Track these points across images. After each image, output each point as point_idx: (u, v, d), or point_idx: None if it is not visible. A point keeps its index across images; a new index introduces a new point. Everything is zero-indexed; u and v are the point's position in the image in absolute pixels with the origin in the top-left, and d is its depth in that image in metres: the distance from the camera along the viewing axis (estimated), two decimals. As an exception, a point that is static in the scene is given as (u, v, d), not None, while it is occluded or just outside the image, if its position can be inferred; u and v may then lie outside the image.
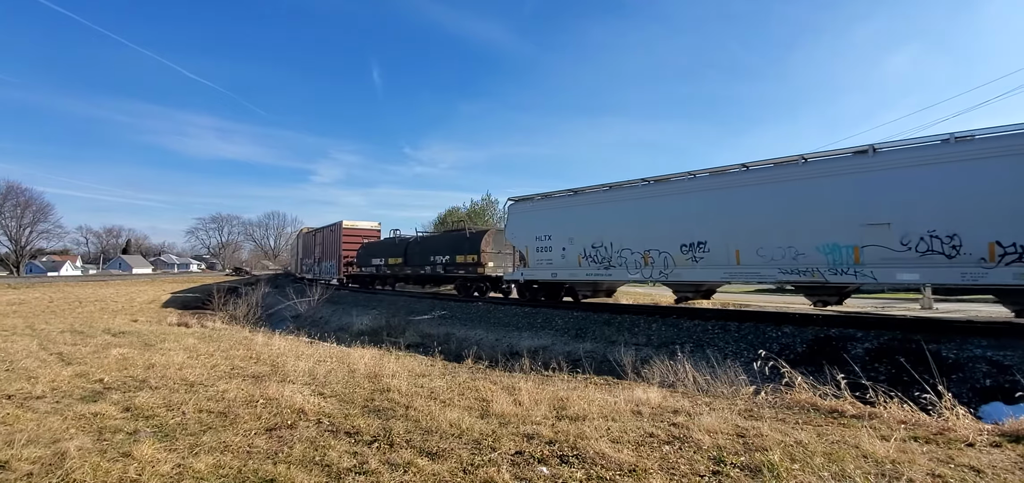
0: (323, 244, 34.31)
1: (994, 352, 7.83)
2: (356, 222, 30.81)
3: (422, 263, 22.49)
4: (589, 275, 14.60)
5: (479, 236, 20.07)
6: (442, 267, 21.26)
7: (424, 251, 22.89)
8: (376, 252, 27.22)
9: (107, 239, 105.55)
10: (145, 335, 10.66)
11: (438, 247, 22.03)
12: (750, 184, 11.41)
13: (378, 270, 26.52)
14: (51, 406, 5.02)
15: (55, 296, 29.00)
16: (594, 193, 14.85)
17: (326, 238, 33.42)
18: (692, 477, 3.31)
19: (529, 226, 16.56)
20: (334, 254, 31.05)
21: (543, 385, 6.24)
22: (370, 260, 27.43)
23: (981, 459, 3.55)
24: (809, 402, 5.21)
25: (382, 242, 28.64)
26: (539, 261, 16.05)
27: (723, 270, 11.72)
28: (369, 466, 3.48)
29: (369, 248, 28.59)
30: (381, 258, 26.32)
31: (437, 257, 21.52)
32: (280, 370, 6.89)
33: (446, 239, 22.36)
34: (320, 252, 34.98)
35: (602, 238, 14.15)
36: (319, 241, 35.61)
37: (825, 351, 9.16)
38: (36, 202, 74.40)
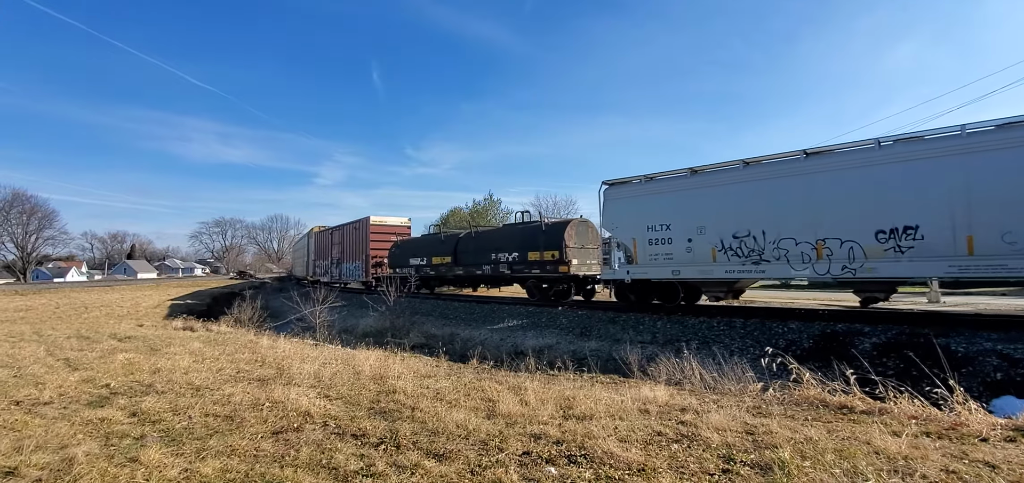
0: (343, 243, 31.36)
1: (1004, 345, 7.77)
2: (385, 218, 27.75)
3: (478, 262, 19.75)
4: (730, 272, 11.66)
5: (559, 228, 16.95)
6: (507, 266, 18.31)
7: (480, 248, 20.04)
8: (415, 250, 24.44)
9: (112, 244, 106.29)
10: (151, 340, 10.69)
11: (501, 243, 19.07)
12: (1003, 146, 8.47)
13: (418, 271, 23.71)
14: (58, 412, 5.03)
15: (61, 302, 29.17)
16: (730, 171, 12.04)
17: (348, 237, 30.39)
18: (702, 476, 3.28)
19: (636, 214, 13.57)
20: (359, 254, 28.14)
21: (549, 384, 6.21)
22: (406, 260, 24.49)
23: (995, 454, 3.50)
24: (818, 398, 5.17)
25: (422, 239, 25.80)
26: (653, 257, 13.06)
27: (945, 263, 8.97)
28: (376, 468, 3.46)
29: (405, 247, 25.64)
30: (421, 257, 23.51)
31: (500, 255, 18.59)
32: (285, 373, 6.88)
33: (514, 233, 19.20)
34: (339, 252, 32.00)
35: (747, 226, 11.41)
36: (337, 240, 32.55)
37: (832, 346, 9.11)
38: (41, 209, 74.94)
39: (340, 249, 31.79)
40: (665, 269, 12.92)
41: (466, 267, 20.44)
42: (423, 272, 23.34)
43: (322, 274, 35.20)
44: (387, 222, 27.77)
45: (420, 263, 23.47)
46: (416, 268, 23.64)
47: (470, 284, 21.69)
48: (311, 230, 38.87)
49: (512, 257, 18.33)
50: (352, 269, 29.29)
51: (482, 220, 43.02)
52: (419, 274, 23.50)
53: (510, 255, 18.35)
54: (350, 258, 29.74)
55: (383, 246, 27.07)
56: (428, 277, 23.35)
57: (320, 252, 36.24)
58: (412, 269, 23.85)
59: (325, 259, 35.00)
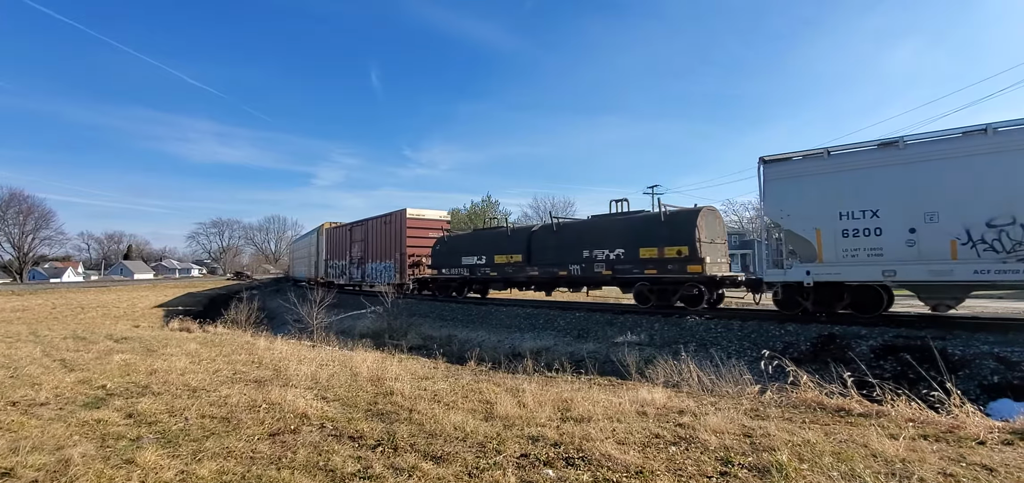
0: (367, 240, 27.38)
1: (1001, 348, 7.79)
2: (422, 211, 24.06)
3: (561, 261, 16.28)
4: (982, 274, 8.77)
5: (688, 218, 13.61)
6: (606, 265, 15.04)
7: (565, 244, 16.49)
8: (469, 248, 20.56)
9: (109, 245, 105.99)
10: (147, 341, 10.65)
11: (598, 236, 15.52)
12: None
13: (474, 272, 19.87)
14: (55, 413, 5.00)
15: (58, 302, 29.06)
16: (978, 137, 9.01)
17: (376, 233, 26.38)
18: (700, 478, 3.27)
19: (820, 197, 10.64)
20: (391, 252, 24.42)
21: (547, 386, 6.20)
22: (456, 259, 20.80)
23: (993, 457, 3.51)
24: (815, 401, 5.17)
25: (478, 234, 21.64)
26: (850, 253, 10.21)
27: None
28: (373, 470, 3.45)
29: (454, 244, 21.73)
30: (478, 255, 19.73)
31: (597, 251, 15.23)
32: (282, 374, 6.86)
33: (615, 225, 15.52)
34: (361, 251, 27.91)
35: (1011, 211, 8.58)
36: (358, 237, 28.45)
37: (829, 349, 9.13)
38: (38, 209, 74.84)
39: (362, 247, 27.82)
40: (870, 269, 10.01)
41: (545, 267, 16.80)
42: (480, 273, 19.53)
43: (337, 275, 31.61)
44: (425, 215, 24.06)
45: (476, 263, 19.72)
46: (470, 268, 19.93)
47: (546, 287, 17.95)
48: (321, 227, 34.92)
49: (615, 254, 14.85)
50: (381, 270, 25.50)
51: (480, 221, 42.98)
52: (474, 275, 19.86)
53: (611, 252, 14.86)
54: (378, 256, 25.95)
55: (421, 243, 23.53)
56: (487, 279, 19.62)
57: (335, 251, 32.33)
58: (463, 269, 20.25)
59: (341, 258, 31.00)
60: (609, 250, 15.19)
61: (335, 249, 32.32)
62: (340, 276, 30.84)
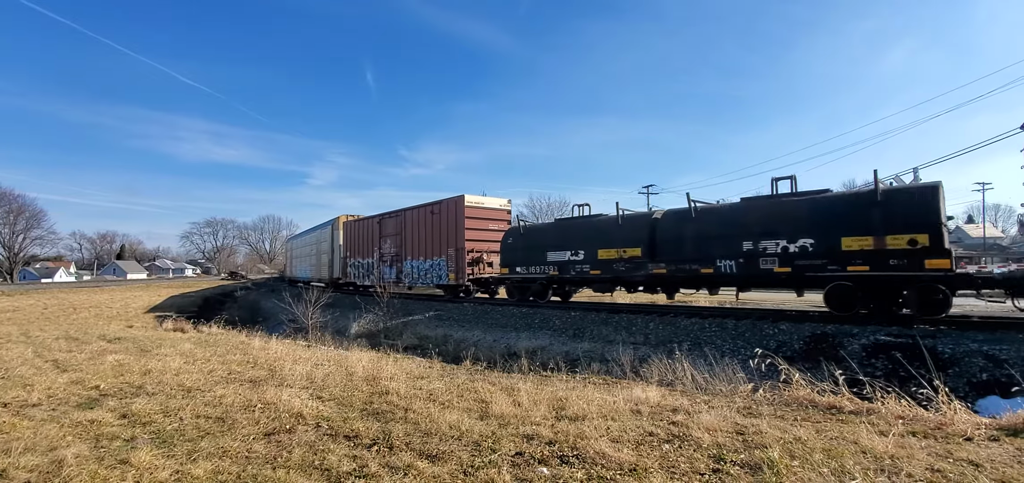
0: (403, 234, 23.22)
1: (990, 346, 7.89)
2: (482, 198, 20.09)
3: (708, 255, 12.55)
4: None
5: (925, 195, 10.35)
6: (782, 260, 11.38)
7: (713, 234, 12.66)
8: (557, 240, 16.50)
9: (101, 245, 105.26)
10: (141, 341, 10.60)
11: (770, 222, 11.79)
12: None
13: (565, 270, 16.10)
14: (47, 414, 4.98)
15: (49, 303, 28.81)
16: None
17: (418, 224, 22.21)
18: (692, 475, 3.31)
19: None
20: (441, 246, 20.52)
21: (542, 385, 6.23)
22: (539, 255, 16.88)
23: (979, 453, 3.56)
24: (807, 399, 5.23)
25: (573, 224, 16.82)
26: None
27: None
28: (369, 469, 3.47)
29: (535, 236, 17.52)
30: (572, 250, 15.83)
31: (767, 243, 11.57)
32: (277, 374, 6.86)
33: (802, 207, 11.62)
34: (395, 247, 23.86)
35: None
36: (393, 231, 24.15)
37: (822, 348, 9.21)
38: (29, 208, 74.20)
39: (397, 242, 23.68)
40: None
41: (677, 263, 13.14)
42: (575, 271, 15.77)
43: (361, 276, 27.11)
44: (485, 204, 20.16)
45: (569, 259, 15.90)
46: (560, 266, 16.23)
47: (671, 287, 14.12)
48: (336, 220, 30.66)
49: (797, 246, 11.33)
50: (426, 269, 21.44)
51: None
52: (566, 274, 16.13)
53: (791, 243, 11.37)
54: (421, 253, 21.86)
55: (482, 236, 19.81)
56: (584, 278, 15.80)
57: (356, 247, 27.87)
58: (549, 267, 16.52)
59: (366, 255, 26.48)
60: (787, 240, 11.43)
61: (357, 245, 27.88)
62: (366, 276, 26.48)
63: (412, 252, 22.70)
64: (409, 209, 23.43)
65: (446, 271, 20.16)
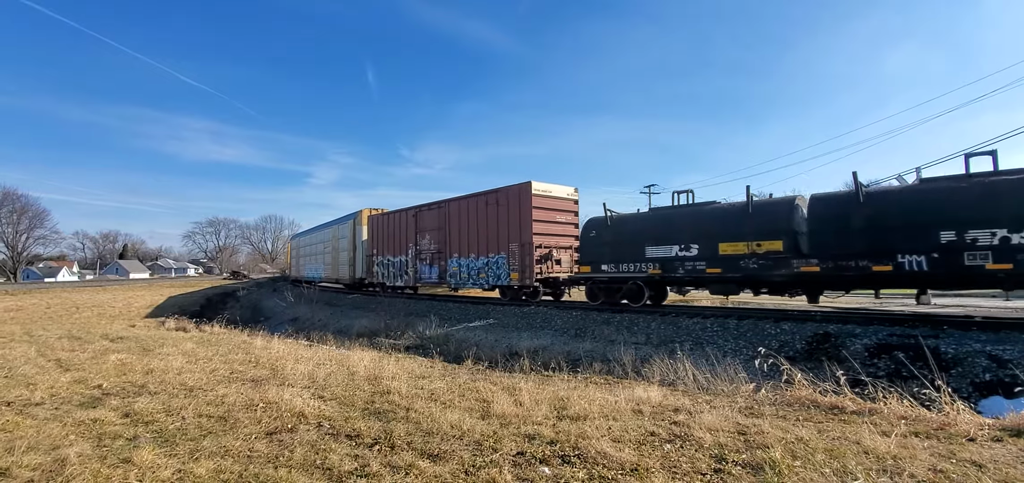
0: (446, 228, 20.21)
1: (993, 346, 7.86)
2: (549, 186, 17.39)
3: (886, 247, 10.08)
4: None
5: None
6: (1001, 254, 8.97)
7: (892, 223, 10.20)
8: (660, 233, 13.62)
9: (104, 244, 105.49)
10: (143, 340, 10.63)
11: (981, 208, 9.39)
12: None
13: (672, 269, 13.11)
14: (50, 412, 5.00)
15: (52, 302, 28.89)
16: None
17: (469, 216, 19.14)
18: (694, 475, 3.31)
19: None
20: (500, 242, 17.60)
21: (543, 385, 6.23)
22: (634, 250, 14.04)
23: (982, 454, 3.55)
24: (809, 399, 5.22)
25: (680, 213, 13.74)
26: None
27: None
28: (371, 469, 3.47)
29: (628, 228, 14.67)
30: (681, 244, 12.98)
31: (976, 233, 9.21)
32: (279, 373, 6.87)
33: None
34: (436, 243, 20.75)
35: None
36: (434, 224, 20.95)
37: (824, 347, 9.19)
38: (32, 208, 74.29)
39: (439, 237, 20.65)
40: None
41: (837, 259, 10.66)
42: (688, 269, 12.87)
43: (392, 275, 23.96)
44: (552, 192, 17.39)
45: (678, 255, 13.05)
46: (664, 263, 13.32)
47: (826, 288, 11.67)
48: (358, 214, 27.70)
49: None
50: (479, 268, 18.48)
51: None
52: (674, 273, 13.23)
53: (1015, 233, 8.98)
54: (475, 249, 18.83)
55: (550, 230, 17.16)
56: (700, 278, 12.85)
57: (384, 244, 24.79)
58: (649, 264, 13.65)
59: (398, 253, 23.38)
60: (1008, 229, 9.00)
61: (385, 242, 24.76)
62: (397, 276, 23.50)
63: (459, 249, 19.67)
64: (454, 200, 20.28)
65: (507, 270, 17.33)
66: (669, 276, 13.49)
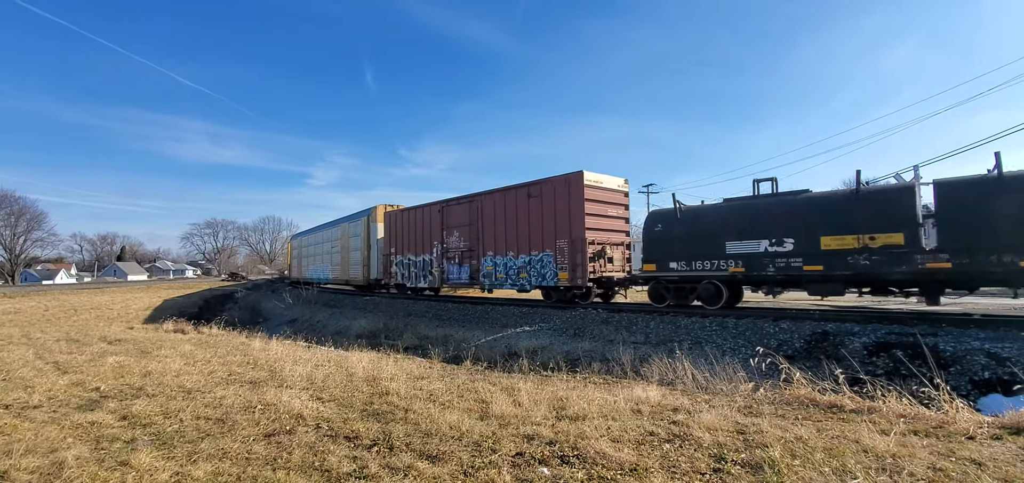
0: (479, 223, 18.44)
1: (991, 344, 7.87)
2: (600, 176, 15.76)
3: None
4: None
5: None
6: None
7: None
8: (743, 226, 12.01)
9: (102, 246, 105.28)
10: (141, 342, 10.60)
11: None
12: None
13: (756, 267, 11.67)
14: (48, 415, 4.98)
15: (50, 304, 28.82)
16: None
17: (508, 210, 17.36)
18: (693, 475, 3.30)
19: None
20: (548, 238, 15.86)
21: (542, 385, 6.23)
22: (714, 246, 12.38)
23: (982, 452, 3.55)
24: (808, 398, 5.22)
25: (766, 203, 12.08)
26: None
27: None
28: (369, 470, 3.46)
29: (703, 220, 13.02)
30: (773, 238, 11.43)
31: None
32: (278, 375, 6.85)
33: None
34: (467, 241, 18.99)
35: None
36: (464, 220, 19.14)
37: (823, 346, 9.19)
38: (30, 210, 74.00)
39: (470, 234, 18.80)
40: None
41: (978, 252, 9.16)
42: (780, 267, 11.33)
43: (413, 276, 21.99)
44: (603, 183, 15.78)
45: (768, 250, 11.47)
46: (751, 260, 11.77)
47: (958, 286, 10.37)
48: (373, 210, 25.96)
49: None
50: (523, 266, 16.68)
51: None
52: (764, 271, 11.59)
53: None
54: (514, 247, 17.08)
55: (603, 224, 15.58)
56: (796, 276, 11.27)
57: (406, 242, 22.72)
58: (730, 262, 12.13)
59: (421, 251, 21.57)
60: None
61: (405, 240, 22.84)
62: (420, 276, 21.62)
63: (494, 246, 17.86)
64: (487, 193, 18.53)
65: (553, 269, 15.77)
66: (755, 275, 11.94)
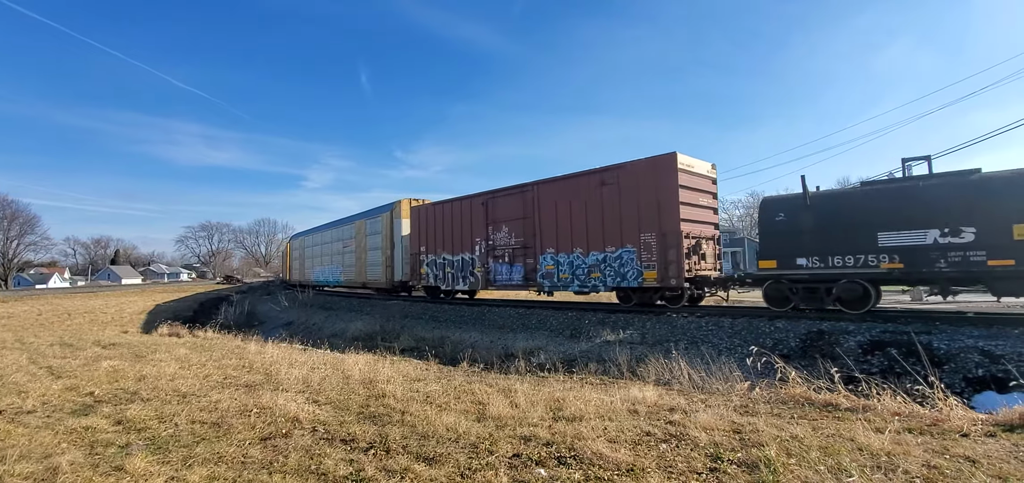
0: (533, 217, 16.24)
1: (985, 342, 7.92)
2: (692, 160, 13.58)
3: None
4: None
5: None
6: None
7: None
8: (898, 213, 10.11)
9: (95, 250, 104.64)
10: (136, 346, 10.54)
11: None
12: None
13: (921, 261, 9.72)
14: (42, 420, 4.94)
15: (44, 309, 28.59)
16: None
17: (575, 200, 15.03)
18: (690, 475, 3.31)
19: None
20: (630, 231, 13.60)
21: (539, 386, 6.23)
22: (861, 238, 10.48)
23: (976, 449, 3.58)
24: (804, 396, 5.24)
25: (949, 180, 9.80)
26: None
27: None
28: (366, 473, 3.46)
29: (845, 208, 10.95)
30: (944, 227, 9.54)
31: None
32: (273, 378, 6.83)
33: None
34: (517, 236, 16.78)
35: None
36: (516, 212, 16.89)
37: (818, 345, 9.23)
38: (23, 214, 73.62)
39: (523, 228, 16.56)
40: None
41: None
42: (954, 260, 9.44)
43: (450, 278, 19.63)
44: (694, 167, 13.60)
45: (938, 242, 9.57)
46: (911, 253, 9.86)
47: None
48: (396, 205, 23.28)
49: None
50: (595, 265, 14.38)
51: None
52: (935, 266, 9.63)
53: None
54: (582, 243, 14.72)
55: (696, 215, 13.44)
56: (978, 273, 9.31)
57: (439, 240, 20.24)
58: (884, 256, 10.20)
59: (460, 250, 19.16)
60: None
61: (438, 237, 20.34)
62: (458, 277, 19.26)
63: (555, 242, 15.61)
64: (546, 182, 16.16)
65: (637, 267, 13.49)
66: (920, 272, 9.99)
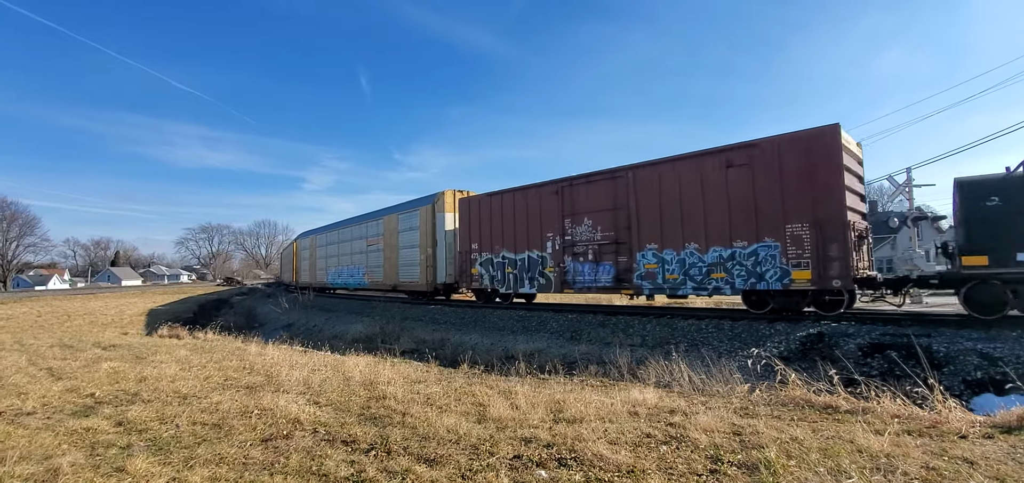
0: (627, 207, 13.62)
1: (984, 344, 7.94)
2: (848, 136, 10.87)
3: None
4: None
5: None
6: None
7: None
8: None
9: (95, 251, 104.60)
10: (136, 348, 10.54)
11: None
12: None
13: None
14: (42, 422, 4.95)
15: (43, 310, 28.58)
16: None
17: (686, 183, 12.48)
18: (690, 476, 3.32)
19: None
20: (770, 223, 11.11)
21: (539, 388, 6.23)
22: None
23: (974, 451, 3.59)
24: (803, 399, 5.25)
25: None
26: None
27: None
28: (367, 474, 3.46)
29: None
30: None
31: None
32: (274, 380, 6.83)
33: None
34: (605, 230, 14.21)
35: None
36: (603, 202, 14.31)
37: (817, 347, 9.24)
38: (22, 215, 73.59)
39: (617, 220, 13.94)
40: None
41: None
42: None
43: (511, 279, 17.01)
44: (851, 145, 11.08)
45: None
46: None
47: None
48: (438, 197, 20.81)
49: None
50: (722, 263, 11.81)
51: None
52: None
53: None
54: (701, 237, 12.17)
55: (856, 203, 11.10)
56: None
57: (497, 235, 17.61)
58: None
59: (524, 247, 16.60)
60: None
61: (494, 234, 17.72)
62: (523, 279, 16.63)
63: (659, 236, 12.99)
64: (646, 165, 13.48)
65: (782, 266, 10.99)
66: None
